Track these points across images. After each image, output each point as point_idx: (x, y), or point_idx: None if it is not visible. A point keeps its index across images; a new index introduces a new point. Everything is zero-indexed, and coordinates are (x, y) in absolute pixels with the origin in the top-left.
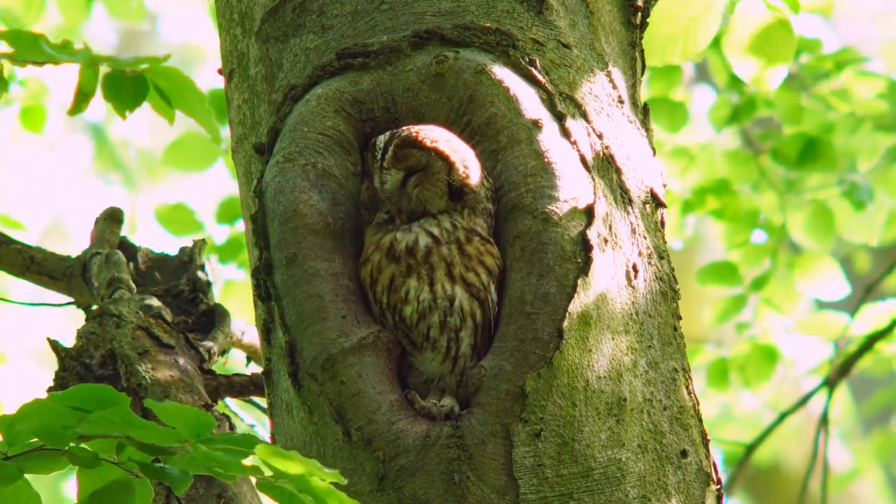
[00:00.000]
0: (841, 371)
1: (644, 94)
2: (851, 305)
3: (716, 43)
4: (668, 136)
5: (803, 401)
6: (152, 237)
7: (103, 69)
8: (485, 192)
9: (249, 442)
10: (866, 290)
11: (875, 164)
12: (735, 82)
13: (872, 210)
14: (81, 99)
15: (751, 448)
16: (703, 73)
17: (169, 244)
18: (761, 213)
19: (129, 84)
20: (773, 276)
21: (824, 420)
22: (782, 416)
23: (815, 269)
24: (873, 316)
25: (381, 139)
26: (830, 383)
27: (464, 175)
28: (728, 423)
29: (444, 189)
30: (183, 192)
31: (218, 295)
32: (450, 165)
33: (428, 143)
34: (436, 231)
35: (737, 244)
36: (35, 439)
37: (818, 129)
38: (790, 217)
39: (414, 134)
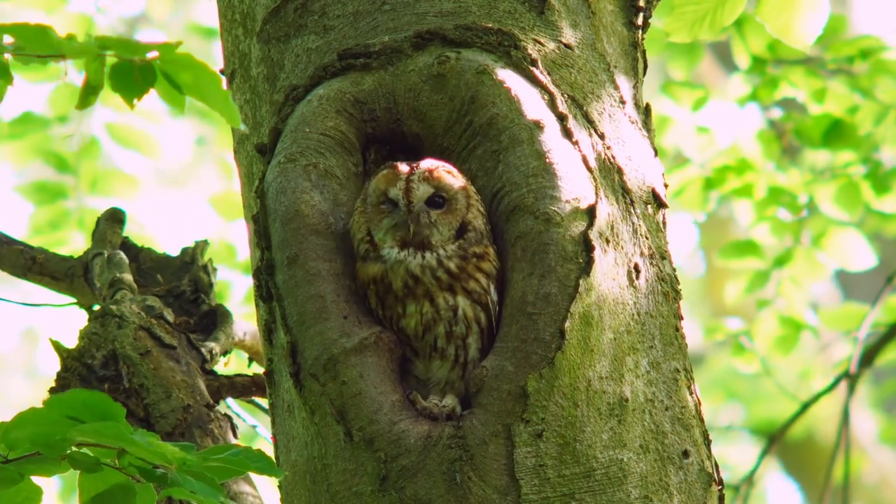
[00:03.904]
0: (863, 362)
1: (666, 73)
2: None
3: (738, 24)
4: (692, 116)
5: (824, 392)
6: None
7: (110, 59)
8: (481, 233)
9: (243, 462)
10: (887, 281)
11: None
12: (757, 64)
13: None
14: (90, 92)
15: (772, 439)
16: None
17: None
18: (785, 192)
19: (138, 73)
20: (796, 252)
21: (845, 416)
22: (804, 407)
23: (841, 241)
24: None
25: (401, 162)
26: (851, 375)
27: (474, 216)
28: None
29: (456, 224)
30: None
31: None
32: (469, 204)
33: (460, 176)
34: (420, 272)
35: (761, 218)
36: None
37: (843, 111)
38: (818, 190)
39: (446, 166)
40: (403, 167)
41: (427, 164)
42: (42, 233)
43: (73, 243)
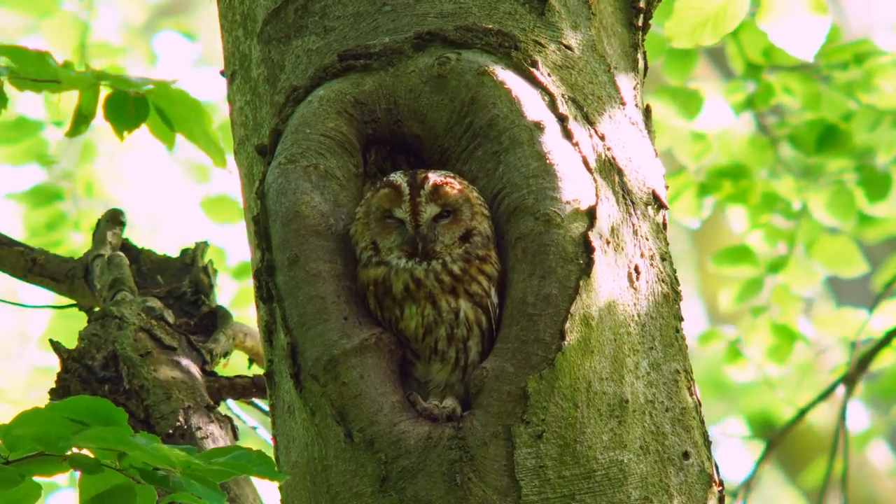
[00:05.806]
0: (859, 367)
1: (661, 79)
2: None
3: (733, 30)
4: (686, 123)
5: (821, 397)
6: None
7: (105, 89)
8: (487, 237)
9: (244, 466)
10: (884, 287)
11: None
12: (751, 70)
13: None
14: (81, 121)
15: (771, 444)
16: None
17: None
18: (779, 198)
19: (132, 105)
20: (790, 259)
21: (842, 417)
22: (801, 413)
23: (833, 248)
24: (892, 312)
25: (401, 178)
26: (848, 380)
27: (479, 222)
28: None
29: (461, 232)
30: None
31: None
32: (474, 212)
33: (463, 187)
34: (423, 276)
35: (756, 225)
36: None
37: (837, 117)
38: (811, 197)
39: (448, 176)
40: (404, 186)
41: (431, 180)
42: (39, 235)
43: (71, 245)
